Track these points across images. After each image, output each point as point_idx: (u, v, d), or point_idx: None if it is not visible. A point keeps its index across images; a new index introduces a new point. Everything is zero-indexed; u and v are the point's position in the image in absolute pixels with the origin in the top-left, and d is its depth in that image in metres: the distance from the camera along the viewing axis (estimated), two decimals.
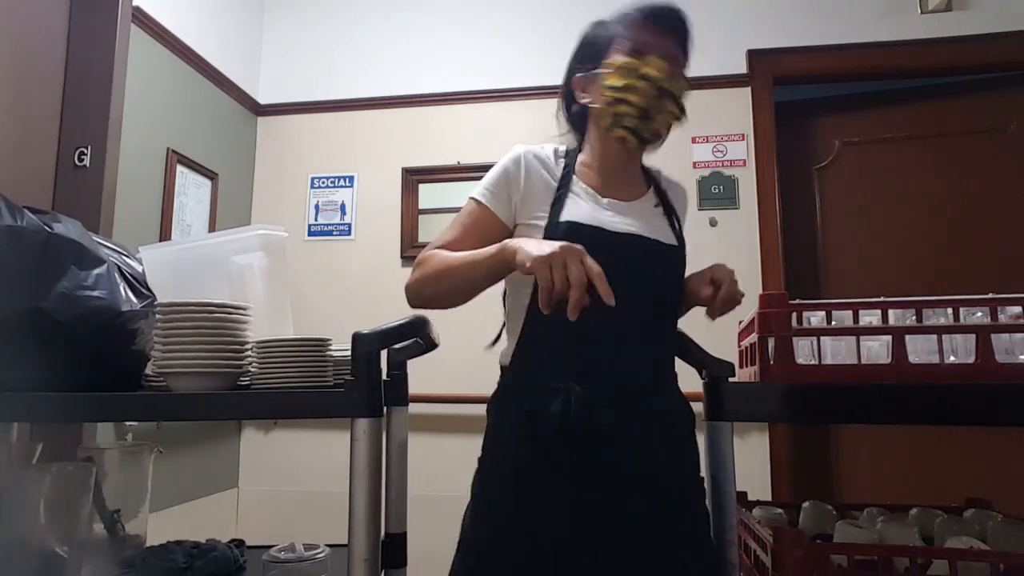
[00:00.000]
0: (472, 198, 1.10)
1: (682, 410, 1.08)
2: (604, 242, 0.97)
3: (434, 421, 2.47)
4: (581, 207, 1.04)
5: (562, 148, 1.15)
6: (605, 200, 1.08)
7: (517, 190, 1.07)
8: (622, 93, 1.03)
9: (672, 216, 1.14)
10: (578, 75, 1.14)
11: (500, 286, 1.10)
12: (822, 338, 0.94)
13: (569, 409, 0.89)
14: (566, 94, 1.19)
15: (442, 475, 2.47)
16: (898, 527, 1.08)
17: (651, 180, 1.19)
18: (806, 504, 1.25)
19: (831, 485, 2.48)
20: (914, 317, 0.95)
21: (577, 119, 1.19)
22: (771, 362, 0.92)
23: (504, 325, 1.14)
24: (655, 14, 1.06)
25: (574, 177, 1.09)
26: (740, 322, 1.22)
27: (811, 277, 2.59)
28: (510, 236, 1.03)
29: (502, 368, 1.10)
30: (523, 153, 1.10)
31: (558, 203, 1.04)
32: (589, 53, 1.13)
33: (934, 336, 0.90)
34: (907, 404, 0.84)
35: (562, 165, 1.11)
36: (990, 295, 0.91)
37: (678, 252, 1.09)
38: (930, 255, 2.47)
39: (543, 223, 1.03)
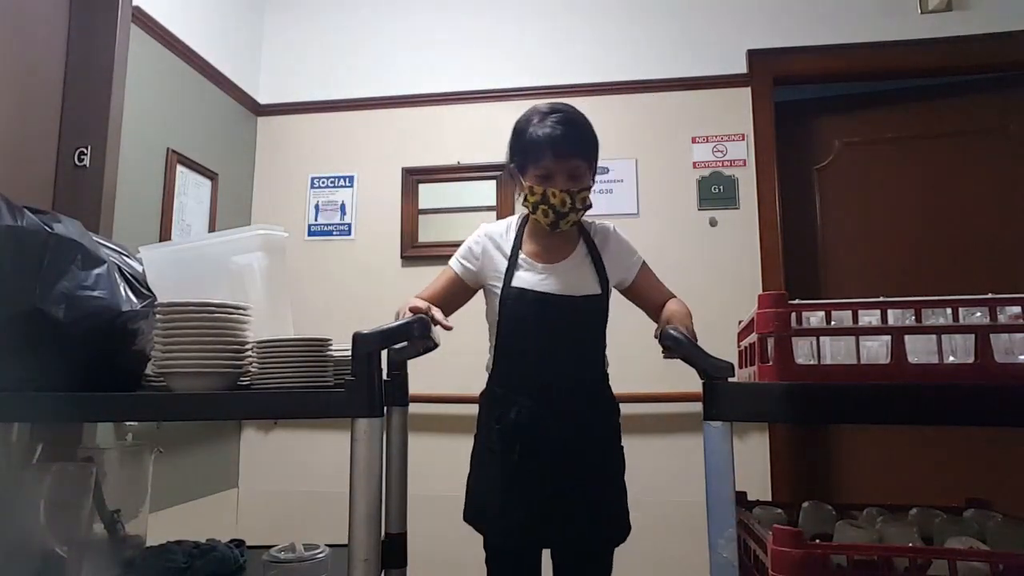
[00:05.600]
0: (449, 265, 1.50)
1: (607, 407, 1.46)
2: (536, 300, 1.39)
3: (434, 421, 2.47)
4: (523, 277, 1.42)
5: (516, 220, 1.50)
6: (540, 266, 1.43)
7: (477, 263, 1.47)
8: (538, 204, 1.38)
9: (599, 264, 1.45)
10: (512, 165, 1.46)
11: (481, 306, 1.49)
12: (821, 338, 0.94)
13: (520, 417, 1.36)
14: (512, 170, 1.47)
15: (442, 475, 2.46)
16: (898, 527, 1.08)
17: (583, 232, 1.49)
18: (806, 504, 1.25)
19: (831, 485, 2.48)
20: (913, 317, 0.95)
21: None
22: (770, 362, 0.93)
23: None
24: (555, 144, 1.34)
25: (520, 252, 1.45)
26: (740, 322, 1.23)
27: (811, 277, 2.59)
28: (473, 293, 1.49)
29: (487, 370, 1.50)
30: (483, 235, 1.49)
31: (508, 273, 1.43)
32: (517, 148, 1.43)
33: (933, 336, 0.90)
34: (907, 404, 0.84)
35: (512, 238, 1.47)
36: (989, 295, 0.91)
37: (596, 299, 1.42)
38: (930, 255, 2.47)
39: (499, 288, 1.42)
